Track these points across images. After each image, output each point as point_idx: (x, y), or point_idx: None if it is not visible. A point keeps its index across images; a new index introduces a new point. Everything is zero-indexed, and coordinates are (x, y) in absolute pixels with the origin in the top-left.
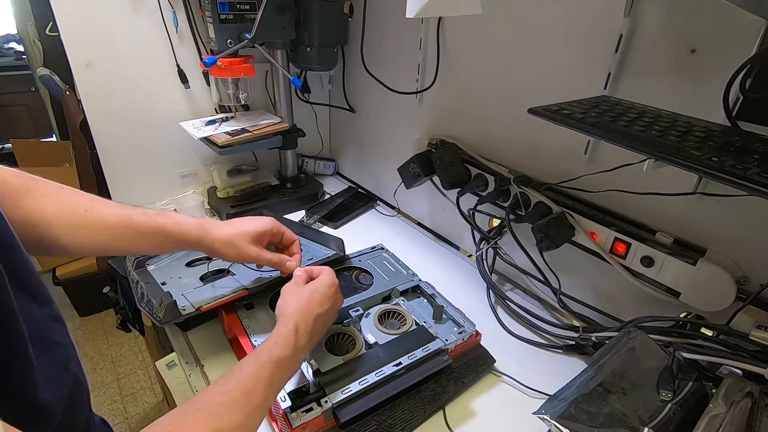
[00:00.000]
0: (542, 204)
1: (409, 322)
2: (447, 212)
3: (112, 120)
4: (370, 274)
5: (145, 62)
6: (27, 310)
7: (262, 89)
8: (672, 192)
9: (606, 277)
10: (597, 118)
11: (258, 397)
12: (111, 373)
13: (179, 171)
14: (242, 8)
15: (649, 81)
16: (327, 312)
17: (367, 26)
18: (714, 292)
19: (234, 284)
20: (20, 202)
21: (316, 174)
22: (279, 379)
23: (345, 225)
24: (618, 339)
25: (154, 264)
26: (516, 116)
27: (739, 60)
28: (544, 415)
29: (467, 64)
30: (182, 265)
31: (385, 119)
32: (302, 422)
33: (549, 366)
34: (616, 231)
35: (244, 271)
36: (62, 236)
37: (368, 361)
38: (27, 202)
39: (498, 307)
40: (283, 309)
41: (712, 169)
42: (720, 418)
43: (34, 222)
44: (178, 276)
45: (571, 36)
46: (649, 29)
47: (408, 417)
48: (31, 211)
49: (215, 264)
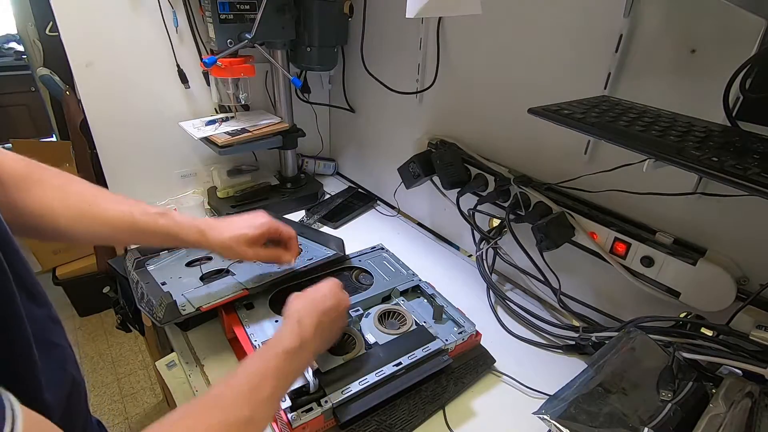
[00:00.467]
0: (542, 204)
1: (409, 322)
2: (447, 212)
3: (112, 120)
4: (370, 274)
5: (145, 62)
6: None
7: (262, 89)
8: (672, 192)
9: (606, 277)
10: (597, 118)
11: (265, 391)
12: (111, 373)
13: (179, 171)
14: (242, 8)
15: (649, 81)
16: (331, 308)
17: (367, 26)
18: (714, 292)
19: (234, 284)
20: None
21: (316, 174)
22: (286, 372)
23: (345, 225)
24: (618, 339)
25: (154, 264)
26: (516, 116)
27: (739, 60)
28: (544, 415)
29: (467, 64)
30: (182, 265)
31: (385, 119)
32: (302, 422)
33: (549, 366)
34: (616, 231)
35: (244, 271)
36: (64, 226)
37: (368, 361)
38: (35, 193)
39: (498, 307)
40: (288, 308)
41: (712, 169)
42: (720, 418)
43: (40, 212)
44: (178, 276)
45: (571, 36)
46: (649, 29)
47: (408, 417)
48: (39, 202)
49: (215, 264)
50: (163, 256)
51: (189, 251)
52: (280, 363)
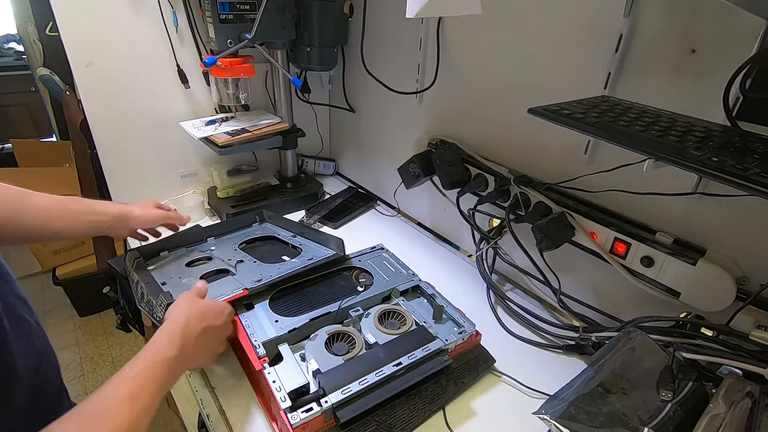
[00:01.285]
0: (542, 204)
1: (409, 322)
2: (447, 212)
3: (112, 120)
4: (370, 274)
5: (145, 62)
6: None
7: (262, 89)
8: (672, 192)
9: (606, 277)
10: (597, 118)
11: (144, 399)
12: (111, 373)
13: (179, 171)
14: (242, 8)
15: (649, 81)
16: (218, 328)
17: (367, 26)
18: (714, 292)
19: (234, 284)
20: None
21: (316, 174)
22: (165, 380)
23: (345, 225)
24: (618, 339)
25: (154, 264)
26: (516, 116)
27: (739, 60)
28: (544, 415)
29: (467, 64)
30: (182, 265)
31: (385, 119)
32: (302, 422)
33: (549, 366)
34: (616, 231)
35: (244, 271)
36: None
37: (368, 361)
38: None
39: (498, 307)
40: (175, 309)
41: (712, 169)
42: (720, 418)
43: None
44: (178, 276)
45: (571, 36)
46: (649, 29)
47: (408, 417)
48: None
49: (215, 264)
50: (164, 256)
51: (189, 251)
52: (160, 371)
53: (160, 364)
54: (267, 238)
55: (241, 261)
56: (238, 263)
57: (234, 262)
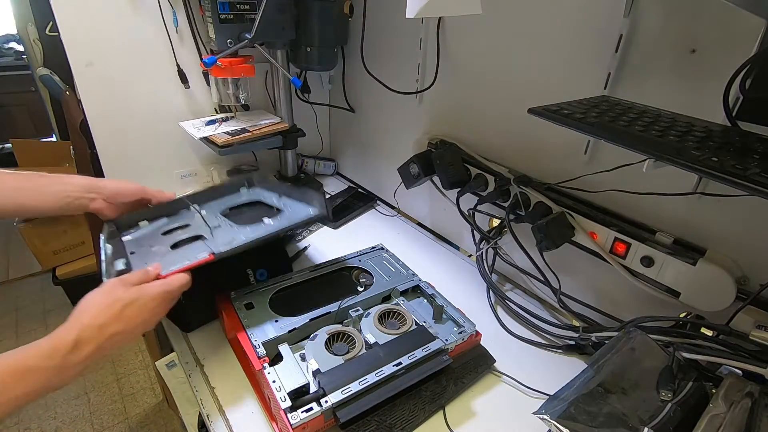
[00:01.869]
0: (542, 204)
1: (409, 322)
2: (447, 212)
3: (112, 120)
4: (370, 274)
5: (145, 62)
6: None
7: (262, 89)
8: (672, 192)
9: (606, 277)
10: (597, 118)
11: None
12: (111, 373)
13: (179, 171)
14: (242, 8)
15: (649, 81)
16: (130, 330)
17: (367, 26)
18: (714, 292)
19: (202, 248)
20: None
21: (316, 174)
22: (29, 391)
23: (345, 225)
24: (618, 339)
25: (131, 234)
26: (516, 116)
27: (739, 60)
28: (544, 415)
29: (467, 64)
30: (159, 234)
31: (385, 119)
32: (302, 422)
33: (549, 366)
34: (616, 231)
35: (219, 236)
36: None
37: (368, 361)
38: None
39: (498, 307)
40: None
41: (712, 169)
42: (720, 418)
43: None
44: (149, 245)
45: (571, 36)
46: (649, 29)
47: (408, 417)
48: None
49: (192, 231)
50: (143, 226)
51: (169, 221)
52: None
53: (29, 372)
54: (254, 203)
55: (218, 226)
56: (214, 228)
57: (212, 227)
